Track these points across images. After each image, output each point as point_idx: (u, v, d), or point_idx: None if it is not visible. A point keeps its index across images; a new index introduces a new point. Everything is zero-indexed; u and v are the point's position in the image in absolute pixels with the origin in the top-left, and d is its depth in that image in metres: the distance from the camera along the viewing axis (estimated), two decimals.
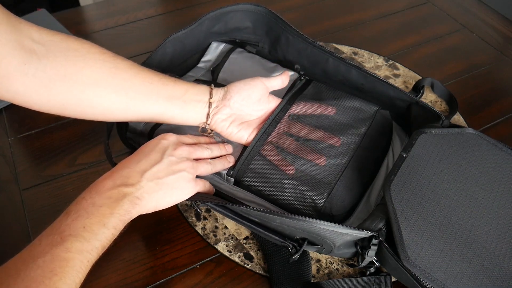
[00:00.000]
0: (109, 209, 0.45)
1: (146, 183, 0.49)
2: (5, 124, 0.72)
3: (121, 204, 0.46)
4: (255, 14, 0.73)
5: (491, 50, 0.91)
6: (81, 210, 0.45)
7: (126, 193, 0.47)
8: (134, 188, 0.48)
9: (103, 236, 0.44)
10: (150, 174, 0.49)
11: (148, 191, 0.49)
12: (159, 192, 0.49)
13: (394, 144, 0.68)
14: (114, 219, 0.45)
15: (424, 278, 0.48)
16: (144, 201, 0.48)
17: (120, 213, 0.46)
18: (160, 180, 0.50)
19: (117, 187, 0.47)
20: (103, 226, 0.44)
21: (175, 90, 0.56)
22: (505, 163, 0.60)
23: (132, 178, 0.48)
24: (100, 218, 0.44)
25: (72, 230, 0.43)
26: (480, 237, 0.52)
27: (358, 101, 0.67)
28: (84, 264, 0.42)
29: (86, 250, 0.43)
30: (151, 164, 0.50)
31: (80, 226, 0.43)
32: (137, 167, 0.50)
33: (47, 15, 0.89)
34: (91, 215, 0.44)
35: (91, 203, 0.45)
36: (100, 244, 0.44)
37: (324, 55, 0.70)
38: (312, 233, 0.52)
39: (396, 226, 0.51)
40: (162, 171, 0.50)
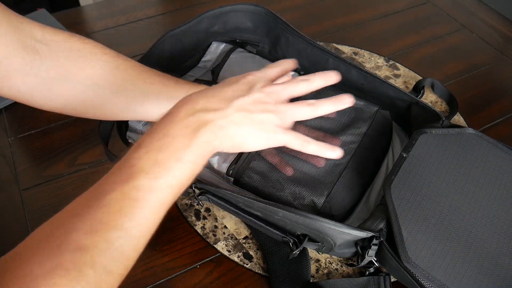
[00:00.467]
0: (185, 141, 0.39)
1: (234, 112, 0.42)
2: (5, 124, 0.72)
3: (200, 133, 0.40)
4: (255, 14, 0.73)
5: (491, 50, 0.91)
6: (153, 142, 0.39)
7: (207, 120, 0.40)
8: (218, 115, 0.41)
9: (178, 172, 0.38)
10: (238, 104, 0.42)
11: (236, 121, 0.42)
12: (250, 127, 0.43)
13: (394, 144, 0.68)
14: (192, 153, 0.39)
15: (424, 278, 0.48)
16: (229, 132, 0.42)
17: (200, 145, 0.40)
18: (250, 114, 0.42)
19: (196, 113, 0.40)
20: (179, 160, 0.38)
21: (177, 91, 0.56)
22: (505, 163, 0.60)
23: (216, 103, 0.42)
24: (175, 152, 0.38)
25: (142, 165, 0.37)
26: (480, 237, 0.52)
27: (358, 101, 0.67)
28: (157, 204, 0.37)
29: (160, 189, 0.37)
30: (238, 95, 0.43)
31: (152, 161, 0.37)
32: (222, 93, 0.43)
33: (47, 15, 0.89)
34: (164, 148, 0.38)
35: (165, 133, 0.39)
36: (176, 181, 0.38)
37: (324, 55, 0.70)
38: (313, 230, 0.52)
39: (397, 226, 0.51)
40: (248, 105, 0.43)
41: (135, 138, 0.65)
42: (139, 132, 0.65)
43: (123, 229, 0.35)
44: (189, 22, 0.70)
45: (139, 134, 0.65)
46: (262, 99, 0.44)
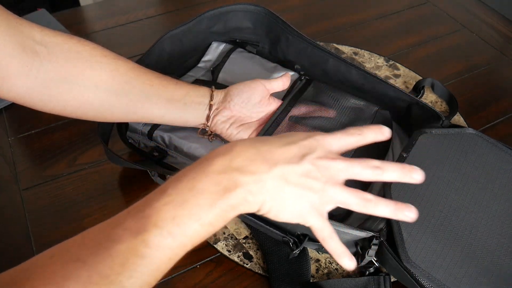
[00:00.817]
0: (210, 200, 0.36)
1: (271, 180, 0.37)
2: (5, 124, 0.72)
3: (228, 196, 0.36)
4: (255, 14, 0.73)
5: (491, 50, 0.91)
6: (177, 193, 0.36)
7: (240, 183, 0.36)
8: (253, 178, 0.37)
9: (194, 233, 0.36)
10: (281, 171, 0.38)
11: (269, 190, 0.38)
12: (279, 198, 0.38)
13: (394, 144, 0.68)
14: (213, 215, 0.36)
15: (424, 278, 0.48)
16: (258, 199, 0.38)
17: (223, 208, 0.36)
18: (286, 185, 0.38)
19: (231, 172, 0.37)
20: (197, 220, 0.36)
21: (176, 93, 0.56)
22: (505, 163, 0.60)
23: (257, 164, 0.37)
24: (195, 211, 0.36)
25: (159, 218, 0.35)
26: (480, 237, 0.52)
27: (358, 101, 0.67)
28: (164, 262, 0.35)
29: (169, 247, 0.35)
30: (286, 160, 0.38)
31: (170, 217, 0.35)
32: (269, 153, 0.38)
33: (47, 15, 0.89)
34: (186, 203, 0.35)
35: (191, 186, 0.36)
36: (189, 241, 0.36)
37: (324, 55, 0.70)
38: None
39: (397, 227, 0.51)
40: (294, 175, 0.38)
41: (135, 138, 0.65)
42: (139, 132, 0.65)
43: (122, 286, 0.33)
44: (189, 22, 0.70)
45: (139, 134, 0.65)
46: (311, 173, 0.39)
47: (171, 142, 0.63)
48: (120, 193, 0.64)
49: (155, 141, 0.64)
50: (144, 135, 0.64)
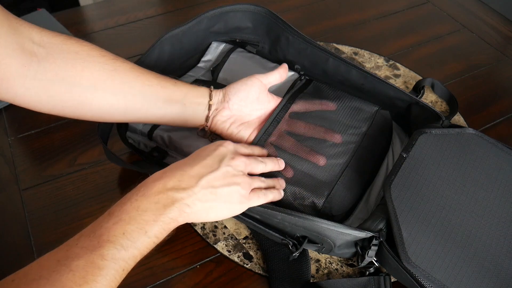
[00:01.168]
0: (153, 216, 0.42)
1: (200, 190, 0.46)
2: (5, 124, 0.72)
3: (168, 211, 0.43)
4: (255, 14, 0.73)
5: (491, 50, 0.91)
6: (123, 213, 0.42)
7: (176, 199, 0.44)
8: (186, 194, 0.45)
9: (142, 244, 0.42)
10: (206, 181, 0.46)
11: (201, 199, 0.46)
12: (212, 202, 0.46)
13: (394, 144, 0.68)
14: (157, 227, 0.43)
15: (424, 279, 0.48)
16: (194, 209, 0.45)
17: (165, 221, 0.43)
18: (215, 190, 0.47)
19: (167, 191, 0.44)
20: (144, 234, 0.42)
21: (175, 93, 0.56)
22: (505, 163, 0.60)
23: (186, 182, 0.45)
24: (142, 225, 0.42)
25: (110, 235, 0.40)
26: (480, 237, 0.52)
27: (358, 101, 0.67)
28: (119, 273, 0.40)
29: (123, 259, 0.40)
30: (208, 171, 0.47)
31: (120, 232, 0.41)
32: (192, 171, 0.47)
33: (47, 15, 0.89)
34: (133, 220, 0.42)
35: (136, 206, 0.43)
36: (139, 252, 0.42)
37: (324, 55, 0.70)
38: (313, 231, 0.52)
39: (396, 227, 0.51)
40: (218, 179, 0.47)
41: (135, 138, 0.65)
42: (138, 132, 0.65)
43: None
44: (189, 22, 0.70)
45: (139, 134, 0.65)
46: (230, 172, 0.48)
47: (171, 143, 0.63)
48: (120, 193, 0.64)
49: (155, 141, 0.64)
50: (144, 135, 0.64)
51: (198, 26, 0.71)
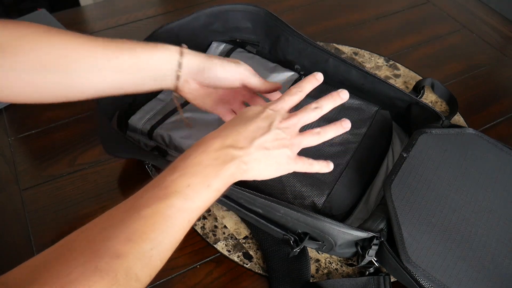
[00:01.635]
0: (215, 171, 0.44)
1: (255, 151, 0.47)
2: (5, 124, 0.72)
3: (227, 166, 0.45)
4: (254, 14, 0.73)
5: (491, 50, 0.91)
6: (187, 168, 0.43)
7: (234, 156, 0.46)
8: (243, 152, 0.46)
9: (206, 197, 0.43)
10: (259, 143, 0.48)
11: (256, 159, 0.47)
12: (265, 161, 0.48)
13: (394, 144, 0.68)
14: (219, 181, 0.44)
15: (425, 278, 0.48)
16: (249, 168, 0.47)
17: (225, 176, 0.45)
18: (267, 151, 0.48)
19: (225, 148, 0.46)
20: (207, 187, 0.43)
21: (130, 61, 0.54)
22: (505, 163, 0.60)
23: (241, 142, 0.47)
24: (205, 179, 0.43)
25: (176, 187, 0.42)
26: (480, 237, 0.52)
27: (358, 101, 0.67)
28: (185, 223, 0.41)
29: (188, 210, 0.42)
30: (260, 133, 0.48)
31: (185, 184, 0.42)
32: (246, 132, 0.48)
33: (47, 15, 0.89)
34: (196, 174, 0.43)
35: (198, 162, 0.44)
36: (203, 204, 0.43)
37: (324, 55, 0.70)
38: (315, 228, 0.52)
39: (397, 226, 0.51)
40: (269, 142, 0.49)
41: (135, 138, 0.65)
42: (138, 132, 0.65)
43: (156, 241, 0.39)
44: (186, 18, 0.70)
45: (139, 133, 0.65)
46: (279, 135, 0.49)
47: (171, 142, 0.63)
48: (120, 193, 0.64)
49: (155, 140, 0.64)
50: (144, 135, 0.64)
51: (195, 23, 0.71)
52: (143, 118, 0.65)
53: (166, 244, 0.40)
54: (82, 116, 0.73)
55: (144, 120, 0.64)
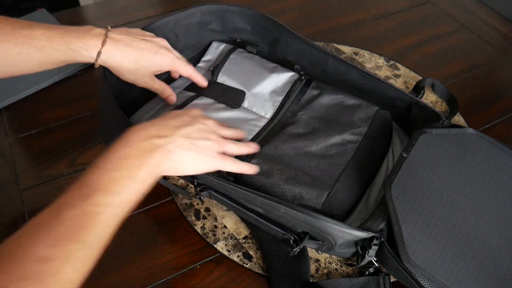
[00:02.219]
0: (138, 161, 0.44)
1: (179, 138, 0.48)
2: (5, 124, 0.72)
3: (152, 155, 0.45)
4: (252, 17, 0.73)
5: (491, 50, 0.91)
6: (109, 163, 0.44)
7: (158, 145, 0.46)
8: (167, 140, 0.47)
9: (131, 189, 0.43)
10: (184, 132, 0.49)
11: (181, 146, 0.48)
12: (190, 152, 0.49)
13: (394, 144, 0.68)
14: (144, 172, 0.45)
15: (425, 279, 0.48)
16: (175, 156, 0.48)
17: (150, 165, 0.45)
18: (192, 140, 0.49)
19: (150, 138, 0.46)
20: (132, 179, 0.43)
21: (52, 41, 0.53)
22: (505, 163, 0.60)
23: (166, 131, 0.48)
24: (129, 171, 0.44)
25: (100, 183, 0.42)
26: (480, 237, 0.52)
27: (358, 101, 0.67)
28: (113, 218, 0.42)
29: (114, 204, 0.42)
30: (184, 124, 0.50)
31: (108, 180, 0.42)
32: (171, 123, 0.50)
33: (47, 15, 0.89)
34: (120, 167, 0.43)
35: (121, 155, 0.44)
36: (129, 197, 0.43)
37: (323, 56, 0.70)
38: (315, 228, 0.52)
39: (397, 226, 0.51)
40: (194, 132, 0.50)
41: None
42: None
43: (82, 241, 0.39)
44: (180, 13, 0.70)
45: None
46: (203, 128, 0.52)
47: None
48: None
49: None
50: None
51: (190, 19, 0.71)
52: (143, 117, 0.65)
53: (95, 242, 0.40)
54: (82, 116, 0.73)
55: (144, 119, 0.64)
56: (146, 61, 0.59)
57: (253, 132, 0.63)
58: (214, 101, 0.66)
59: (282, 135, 0.62)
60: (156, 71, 0.61)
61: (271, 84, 0.68)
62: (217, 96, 0.66)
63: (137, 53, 0.58)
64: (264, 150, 0.60)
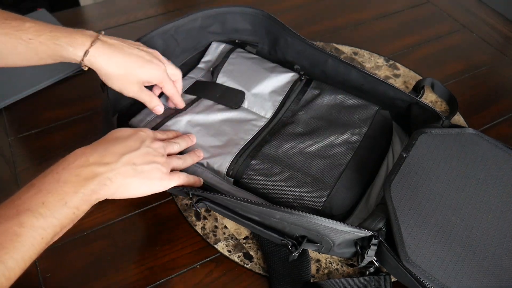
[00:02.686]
0: (73, 188, 0.44)
1: (122, 166, 0.47)
2: (5, 124, 0.72)
3: (88, 183, 0.44)
4: (252, 16, 0.73)
5: (491, 50, 0.91)
6: (44, 184, 0.43)
7: (97, 173, 0.45)
8: (108, 168, 0.46)
9: (62, 215, 0.42)
10: (128, 158, 0.48)
11: (122, 174, 0.47)
12: (133, 178, 0.48)
13: (394, 144, 0.68)
14: (78, 199, 0.44)
15: (424, 278, 0.48)
16: (116, 184, 0.47)
17: (86, 192, 0.44)
18: (136, 166, 0.49)
19: (89, 165, 0.45)
20: (64, 204, 0.43)
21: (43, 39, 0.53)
22: (505, 163, 0.60)
23: (108, 157, 0.47)
24: (62, 196, 0.43)
25: (30, 205, 0.41)
26: (480, 237, 0.52)
27: (358, 101, 0.67)
28: (37, 240, 0.41)
29: (41, 227, 0.41)
30: (129, 149, 0.49)
31: (40, 202, 0.42)
32: (115, 148, 0.48)
33: (47, 15, 0.89)
34: (53, 191, 0.43)
35: (57, 178, 0.44)
36: (59, 222, 0.42)
37: (323, 56, 0.70)
38: (312, 230, 0.52)
39: (396, 226, 0.51)
40: (139, 157, 0.49)
41: None
42: None
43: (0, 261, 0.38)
44: (181, 19, 0.70)
45: None
46: (149, 152, 0.51)
47: None
48: None
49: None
50: None
51: (192, 24, 0.71)
52: (143, 120, 0.65)
53: (13, 263, 0.39)
54: (82, 116, 0.73)
55: (144, 123, 0.64)
56: (136, 68, 0.57)
57: (253, 132, 0.63)
58: (214, 102, 0.66)
59: (283, 134, 0.62)
60: (145, 82, 0.60)
61: (271, 84, 0.68)
62: (217, 98, 0.66)
63: (127, 59, 0.57)
64: (264, 151, 0.60)
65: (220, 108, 0.65)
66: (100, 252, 0.57)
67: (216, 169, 0.59)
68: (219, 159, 0.59)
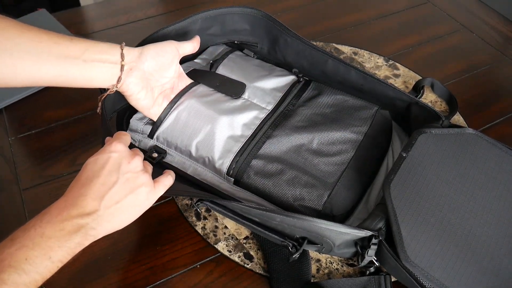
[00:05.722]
0: (58, 242, 0.42)
1: (104, 211, 0.45)
2: (5, 124, 0.72)
3: (73, 237, 0.43)
4: (252, 16, 0.73)
5: (491, 50, 0.91)
6: (27, 239, 0.42)
7: (81, 225, 0.44)
8: (91, 218, 0.44)
9: (45, 269, 0.42)
10: (108, 200, 0.46)
11: (107, 219, 0.46)
12: (119, 216, 0.47)
13: (394, 144, 0.68)
14: (62, 252, 0.43)
15: (424, 278, 0.48)
16: (101, 228, 0.45)
17: (70, 246, 0.43)
18: (119, 204, 0.46)
19: (72, 219, 0.43)
20: (48, 259, 0.42)
21: (70, 49, 0.52)
22: (504, 163, 0.60)
23: (89, 206, 0.45)
24: (46, 251, 0.42)
25: (12, 260, 0.40)
26: (479, 237, 0.52)
27: (358, 101, 0.67)
28: None
29: (24, 283, 0.40)
30: (107, 187, 0.46)
31: (23, 258, 0.41)
32: (93, 192, 0.45)
33: (47, 15, 0.89)
34: (37, 246, 0.41)
35: (40, 233, 0.42)
36: (41, 277, 0.41)
37: (323, 56, 0.70)
38: (312, 232, 0.52)
39: (396, 226, 0.51)
40: (120, 192, 0.47)
41: (135, 138, 0.65)
42: (139, 132, 0.65)
43: None
44: (181, 21, 0.69)
45: (139, 133, 0.65)
46: (129, 178, 0.47)
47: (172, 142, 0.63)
48: None
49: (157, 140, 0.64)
50: (145, 134, 0.64)
51: (192, 27, 0.71)
52: (144, 118, 0.65)
53: None
54: (82, 116, 0.73)
55: (145, 120, 0.64)
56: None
57: (254, 126, 0.62)
58: (213, 90, 0.66)
59: (284, 128, 0.62)
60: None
61: (272, 82, 0.68)
62: (216, 86, 0.66)
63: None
64: (265, 148, 0.60)
65: (220, 97, 0.64)
66: (100, 252, 0.57)
67: (217, 167, 0.59)
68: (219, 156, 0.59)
